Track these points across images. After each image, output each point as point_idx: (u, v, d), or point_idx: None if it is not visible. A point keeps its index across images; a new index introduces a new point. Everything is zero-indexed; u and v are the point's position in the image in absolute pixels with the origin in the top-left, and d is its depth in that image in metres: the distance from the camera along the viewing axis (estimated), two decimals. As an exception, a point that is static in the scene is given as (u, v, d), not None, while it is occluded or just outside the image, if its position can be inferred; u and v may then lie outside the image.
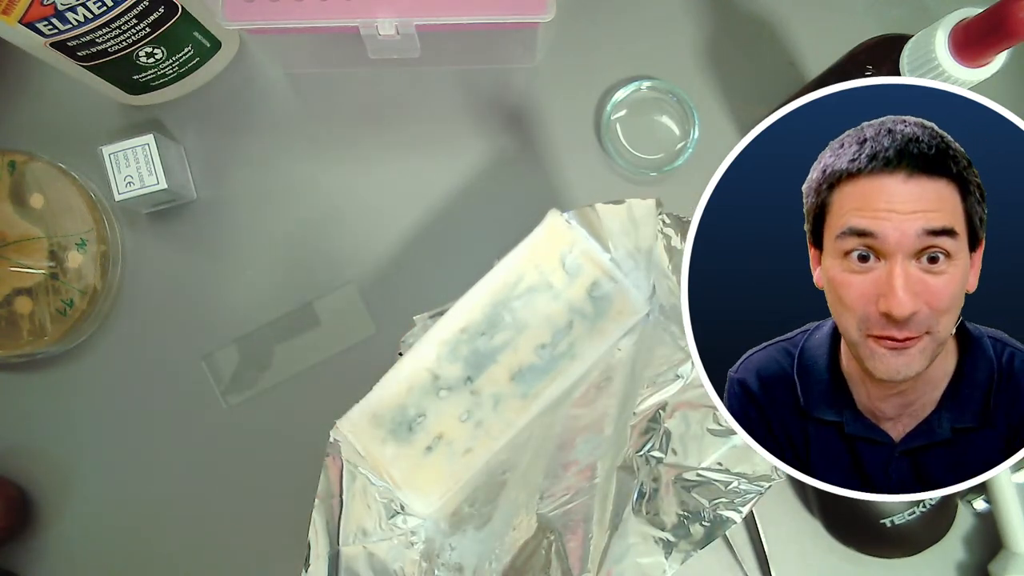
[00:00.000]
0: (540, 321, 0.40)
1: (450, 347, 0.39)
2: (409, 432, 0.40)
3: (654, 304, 0.41)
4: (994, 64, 0.34)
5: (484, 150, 0.52)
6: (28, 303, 0.48)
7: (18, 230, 0.48)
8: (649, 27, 0.52)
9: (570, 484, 0.38)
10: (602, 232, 0.40)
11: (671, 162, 0.50)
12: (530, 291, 0.40)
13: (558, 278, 0.40)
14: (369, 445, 0.39)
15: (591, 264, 0.40)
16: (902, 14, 0.52)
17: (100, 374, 0.50)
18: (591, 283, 0.40)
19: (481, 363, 0.40)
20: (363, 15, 0.42)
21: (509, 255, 0.40)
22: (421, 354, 0.39)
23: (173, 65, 0.48)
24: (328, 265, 0.51)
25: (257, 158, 0.52)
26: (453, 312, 0.39)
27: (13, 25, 0.40)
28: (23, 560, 0.49)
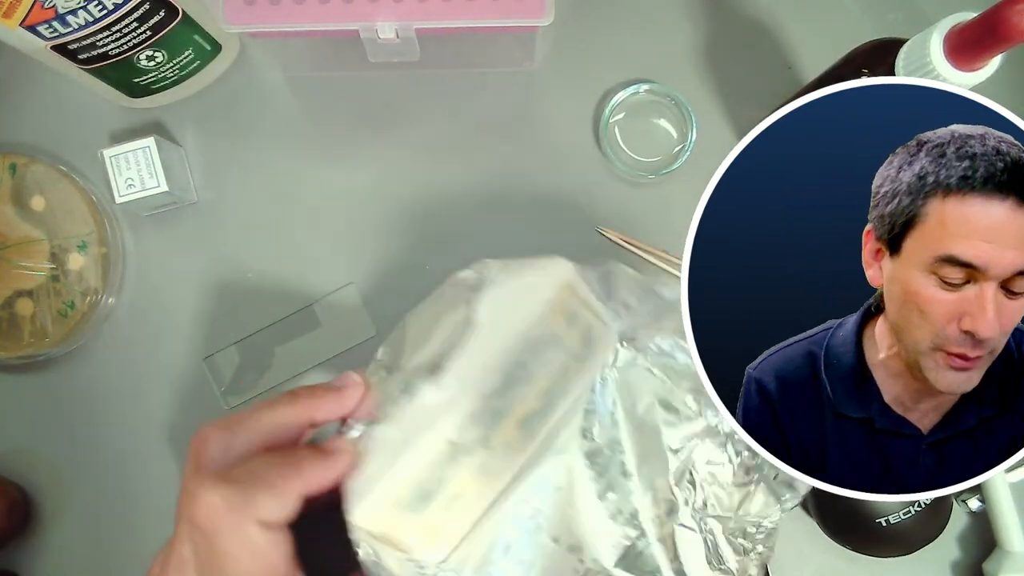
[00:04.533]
0: (546, 372, 0.39)
1: (471, 416, 0.37)
2: (428, 501, 0.37)
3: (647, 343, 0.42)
4: (988, 68, 0.34)
5: (483, 153, 0.52)
6: (29, 305, 0.48)
7: (19, 232, 0.48)
8: (647, 31, 0.53)
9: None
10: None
11: (669, 165, 0.51)
12: (539, 344, 0.39)
13: (561, 328, 0.39)
14: (387, 530, 0.36)
15: (586, 309, 0.40)
16: (898, 18, 0.53)
17: (101, 375, 0.50)
18: (586, 328, 0.41)
19: (496, 421, 0.38)
20: (363, 19, 0.42)
21: (521, 310, 0.38)
22: (442, 428, 0.37)
23: (174, 68, 0.49)
24: (328, 267, 0.51)
25: (257, 160, 0.52)
26: (473, 381, 0.37)
27: (14, 28, 0.40)
28: (23, 560, 0.49)
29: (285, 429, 0.35)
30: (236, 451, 0.34)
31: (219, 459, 0.33)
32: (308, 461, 0.34)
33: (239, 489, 0.31)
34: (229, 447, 0.34)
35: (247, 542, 0.31)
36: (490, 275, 0.39)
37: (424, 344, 0.39)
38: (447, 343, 0.38)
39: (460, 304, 0.39)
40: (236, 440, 0.34)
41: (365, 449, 0.37)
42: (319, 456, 0.35)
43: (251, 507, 0.31)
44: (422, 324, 0.39)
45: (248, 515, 0.31)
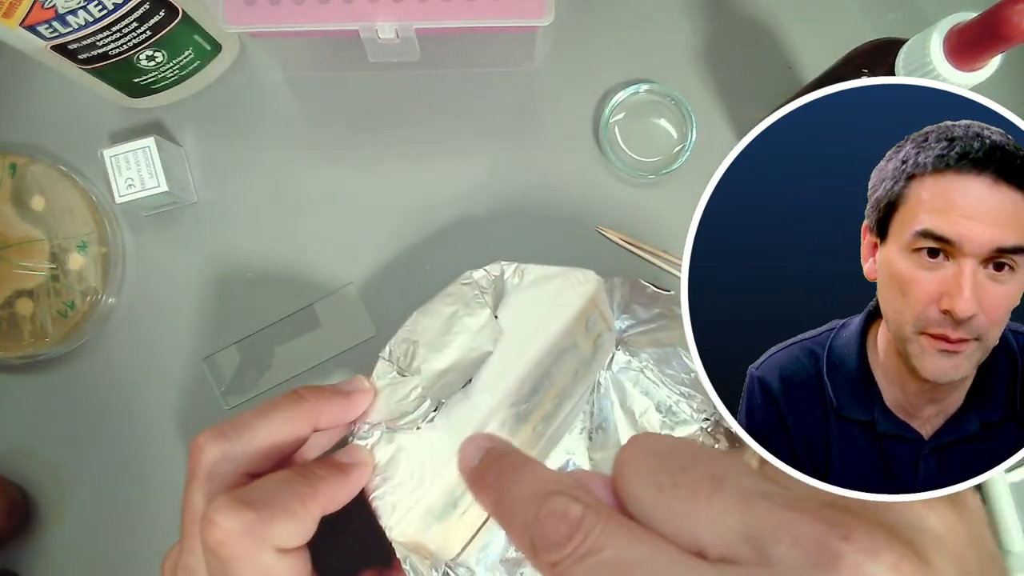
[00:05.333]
0: (562, 376, 0.39)
1: (501, 423, 0.37)
2: (454, 509, 0.37)
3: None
4: (988, 68, 0.34)
5: (483, 153, 0.52)
6: (29, 305, 0.48)
7: (19, 232, 0.48)
8: (647, 31, 0.53)
9: None
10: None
11: (669, 165, 0.51)
12: (563, 353, 0.39)
13: (581, 338, 0.39)
14: (419, 539, 0.36)
15: (601, 319, 0.40)
16: (898, 18, 0.53)
17: (101, 375, 0.50)
18: (598, 335, 0.41)
19: (519, 425, 0.38)
20: (363, 19, 0.42)
21: (550, 321, 0.38)
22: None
23: (174, 68, 0.49)
24: (328, 267, 0.51)
25: (257, 160, 0.52)
26: (506, 392, 0.37)
27: (14, 28, 0.40)
28: (23, 560, 0.49)
29: (288, 435, 0.34)
30: (237, 460, 0.33)
31: (217, 468, 0.33)
32: (326, 481, 0.33)
33: (256, 515, 0.30)
34: (227, 455, 0.33)
35: (264, 570, 0.30)
36: (511, 280, 0.39)
37: (442, 347, 0.38)
38: (469, 349, 0.38)
39: (477, 306, 0.38)
40: (236, 449, 0.33)
41: (388, 457, 0.36)
42: (337, 474, 0.34)
43: (269, 535, 0.30)
44: (436, 324, 0.38)
45: (265, 543, 0.30)
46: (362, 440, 0.36)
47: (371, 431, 0.37)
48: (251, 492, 0.31)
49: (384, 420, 0.37)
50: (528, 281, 0.39)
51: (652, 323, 0.43)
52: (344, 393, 0.36)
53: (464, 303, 0.38)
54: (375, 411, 0.37)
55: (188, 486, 0.33)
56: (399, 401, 0.37)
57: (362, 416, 0.37)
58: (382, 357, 0.39)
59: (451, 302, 0.39)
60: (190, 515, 0.33)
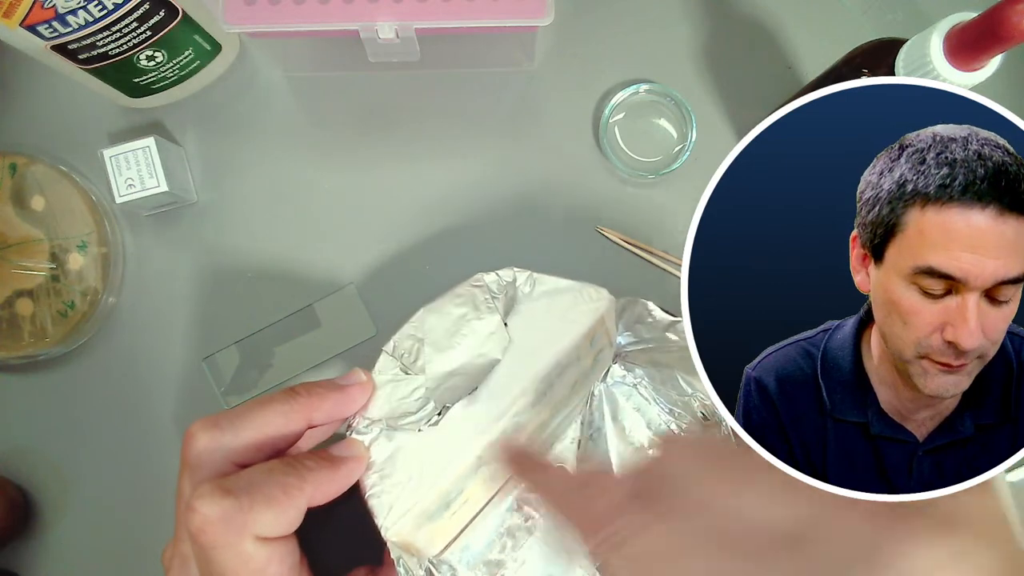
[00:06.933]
0: (564, 390, 0.39)
1: (501, 430, 0.37)
2: (446, 510, 0.37)
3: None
4: (988, 68, 0.34)
5: (483, 152, 0.52)
6: (29, 305, 0.48)
7: (19, 232, 0.48)
8: (647, 31, 0.53)
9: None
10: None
11: (669, 165, 0.51)
12: (567, 367, 0.39)
13: (585, 350, 0.39)
14: (410, 538, 0.36)
15: (605, 335, 0.40)
16: (898, 18, 0.53)
17: (101, 375, 0.50)
18: (600, 350, 0.41)
19: (516, 433, 0.38)
20: (363, 19, 0.42)
21: (559, 336, 0.38)
22: (475, 446, 0.36)
23: (174, 68, 0.49)
24: (328, 267, 0.51)
25: (257, 160, 0.52)
26: (510, 403, 0.37)
27: (14, 28, 0.40)
28: (23, 560, 0.49)
29: (281, 429, 0.34)
30: (227, 450, 0.33)
31: (206, 456, 0.33)
32: (314, 472, 0.33)
33: (235, 502, 0.30)
34: (219, 446, 0.33)
35: (244, 557, 0.30)
36: (523, 288, 0.39)
37: (448, 348, 0.37)
38: (477, 354, 0.37)
39: (487, 311, 0.38)
40: (227, 439, 0.33)
41: (387, 456, 0.36)
42: (327, 466, 0.33)
43: (248, 523, 0.30)
44: (444, 324, 0.38)
45: (245, 531, 0.30)
46: (360, 435, 0.36)
47: (370, 427, 0.36)
48: (234, 480, 0.31)
49: (384, 417, 0.37)
50: (540, 292, 0.38)
51: (652, 343, 0.43)
52: (340, 388, 0.36)
53: (474, 305, 0.38)
54: (375, 406, 0.37)
55: (180, 474, 0.33)
56: (401, 399, 0.37)
57: (361, 410, 0.37)
58: (385, 351, 0.38)
59: (461, 303, 0.38)
60: (181, 503, 0.33)
